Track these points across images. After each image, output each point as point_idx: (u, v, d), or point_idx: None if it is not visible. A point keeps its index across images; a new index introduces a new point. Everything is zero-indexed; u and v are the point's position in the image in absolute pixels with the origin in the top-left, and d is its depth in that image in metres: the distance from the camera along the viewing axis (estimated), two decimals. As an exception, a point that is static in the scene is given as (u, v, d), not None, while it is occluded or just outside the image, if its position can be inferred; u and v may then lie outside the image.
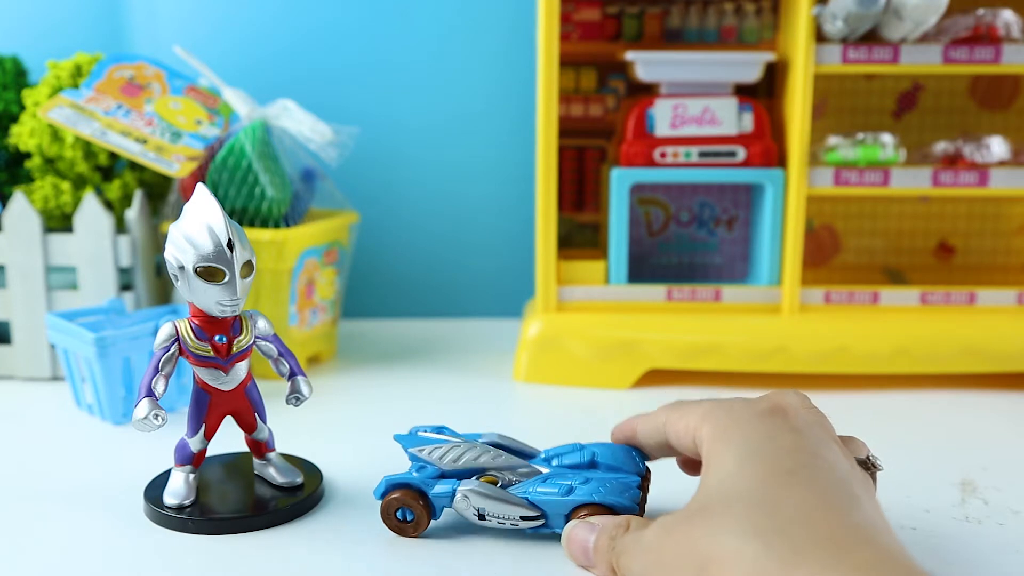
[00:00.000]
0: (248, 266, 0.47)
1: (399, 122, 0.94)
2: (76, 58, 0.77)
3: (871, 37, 0.72)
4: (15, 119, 0.79)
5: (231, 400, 0.50)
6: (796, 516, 0.34)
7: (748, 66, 0.74)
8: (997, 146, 0.72)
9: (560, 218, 0.83)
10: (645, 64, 0.74)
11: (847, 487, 0.37)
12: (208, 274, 0.46)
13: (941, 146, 0.76)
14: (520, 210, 0.94)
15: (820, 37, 0.72)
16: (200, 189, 0.47)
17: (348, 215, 0.82)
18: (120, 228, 0.75)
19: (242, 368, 0.49)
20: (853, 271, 0.86)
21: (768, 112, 0.76)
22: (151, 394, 0.46)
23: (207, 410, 0.49)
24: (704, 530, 0.35)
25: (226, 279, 0.46)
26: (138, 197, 0.75)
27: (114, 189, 0.77)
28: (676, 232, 0.83)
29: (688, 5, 0.81)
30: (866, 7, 0.67)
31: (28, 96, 0.76)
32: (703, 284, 0.76)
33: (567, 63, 0.80)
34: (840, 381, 0.74)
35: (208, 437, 0.50)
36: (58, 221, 0.76)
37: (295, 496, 0.50)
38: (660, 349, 0.74)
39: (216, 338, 0.47)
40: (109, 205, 0.77)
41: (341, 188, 0.82)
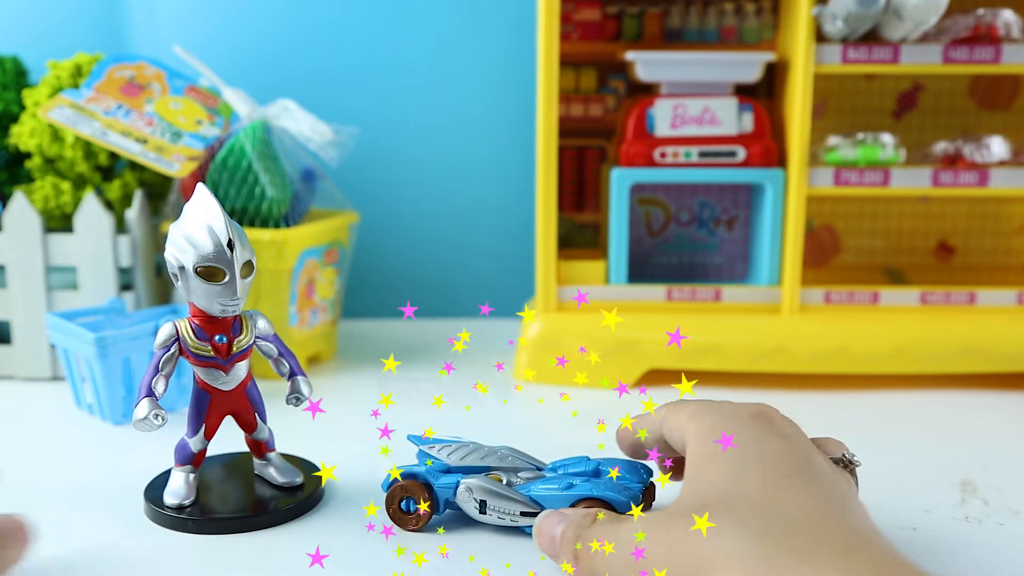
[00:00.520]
0: (248, 266, 0.47)
1: (399, 122, 0.94)
2: (76, 58, 0.77)
3: (871, 37, 0.72)
4: (15, 119, 0.79)
5: (231, 400, 0.50)
6: (797, 519, 0.34)
7: (748, 66, 0.74)
8: (997, 146, 0.72)
9: (560, 218, 0.83)
10: (645, 64, 0.74)
11: (839, 491, 0.37)
12: (208, 274, 0.46)
13: (941, 146, 0.76)
14: (520, 210, 0.94)
15: (820, 37, 0.72)
16: (200, 189, 0.47)
17: (348, 215, 0.82)
18: (120, 228, 0.75)
19: (242, 368, 0.49)
20: (853, 271, 0.86)
21: (768, 112, 0.76)
22: (151, 394, 0.46)
23: (207, 410, 0.49)
24: (702, 529, 0.35)
25: (226, 279, 0.46)
26: (138, 197, 0.75)
27: (114, 189, 0.77)
28: (676, 232, 0.83)
29: (688, 5, 0.81)
30: (866, 7, 0.67)
31: (28, 96, 0.76)
32: (703, 284, 0.76)
33: (567, 63, 0.80)
34: (840, 381, 0.74)
35: (208, 437, 0.50)
36: (58, 221, 0.76)
37: (295, 496, 0.50)
38: (660, 349, 0.73)
39: (216, 338, 0.47)
40: (109, 205, 0.77)
41: (341, 188, 0.82)
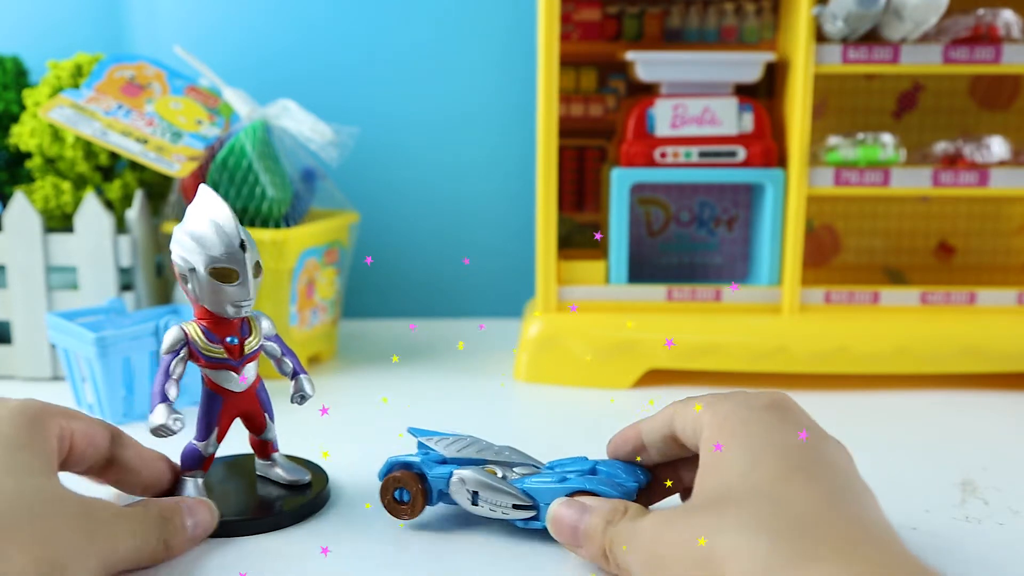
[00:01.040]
0: (257, 266, 0.47)
1: (399, 122, 0.94)
2: (76, 58, 0.77)
3: (871, 37, 0.72)
4: (16, 119, 0.79)
5: (242, 402, 0.49)
6: (806, 514, 0.34)
7: (748, 66, 0.74)
8: (997, 146, 0.72)
9: (560, 218, 0.83)
10: (645, 64, 0.74)
11: (851, 484, 0.37)
12: (222, 275, 0.45)
13: (941, 146, 0.76)
14: (520, 210, 0.94)
15: (820, 37, 0.72)
16: (205, 190, 0.47)
17: (348, 215, 0.82)
18: (120, 228, 0.75)
19: (252, 369, 0.49)
20: (853, 271, 0.86)
21: (768, 112, 0.76)
22: (166, 399, 0.45)
23: (219, 413, 0.49)
24: (712, 524, 0.35)
25: (240, 280, 0.46)
26: (138, 197, 0.75)
27: (114, 189, 0.77)
28: (676, 232, 0.83)
29: (688, 5, 0.81)
30: (866, 7, 0.67)
31: (29, 96, 0.76)
32: (703, 284, 0.76)
33: (567, 63, 0.80)
34: (840, 381, 0.74)
35: (219, 440, 0.49)
36: (58, 221, 0.76)
37: (303, 496, 0.50)
38: (660, 349, 0.73)
39: (227, 340, 0.47)
40: (109, 205, 0.77)
41: (341, 188, 0.82)
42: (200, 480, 0.49)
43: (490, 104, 0.94)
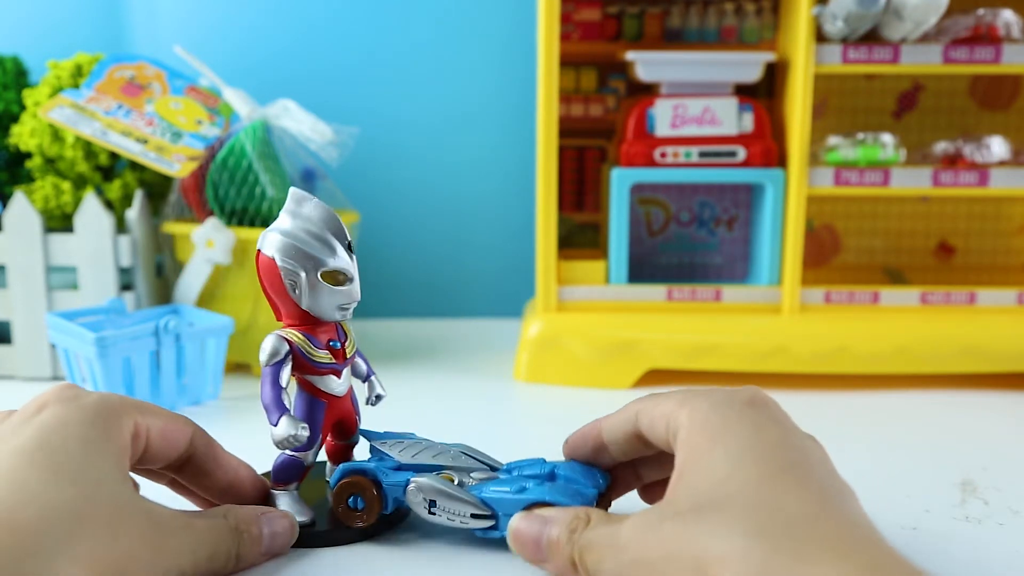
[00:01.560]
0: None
1: (399, 122, 0.94)
2: (77, 58, 0.77)
3: (871, 37, 0.72)
4: (16, 119, 0.79)
5: (341, 406, 0.48)
6: (798, 516, 0.34)
7: (748, 66, 0.74)
8: (997, 146, 0.72)
9: (560, 218, 0.83)
10: (645, 64, 0.74)
11: (836, 483, 0.37)
12: (333, 278, 0.45)
13: (941, 146, 0.76)
14: (520, 210, 0.94)
15: (820, 37, 0.72)
16: (298, 193, 0.45)
17: (348, 215, 0.82)
18: (120, 228, 0.75)
19: (348, 372, 0.48)
20: (853, 271, 0.86)
21: (768, 112, 0.76)
22: (286, 409, 0.44)
23: (323, 420, 0.47)
24: (702, 529, 0.35)
25: (349, 281, 0.45)
26: (138, 197, 0.75)
27: (114, 189, 0.77)
28: (676, 232, 0.83)
29: (688, 5, 0.81)
30: (866, 7, 0.67)
31: (29, 96, 0.76)
32: (703, 284, 0.76)
33: (567, 63, 0.80)
34: (840, 381, 0.74)
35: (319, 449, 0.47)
36: (58, 221, 0.76)
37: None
38: (660, 349, 0.74)
39: (331, 343, 0.46)
40: (109, 205, 0.77)
41: (341, 188, 0.82)
42: (297, 493, 0.47)
43: (490, 104, 0.94)
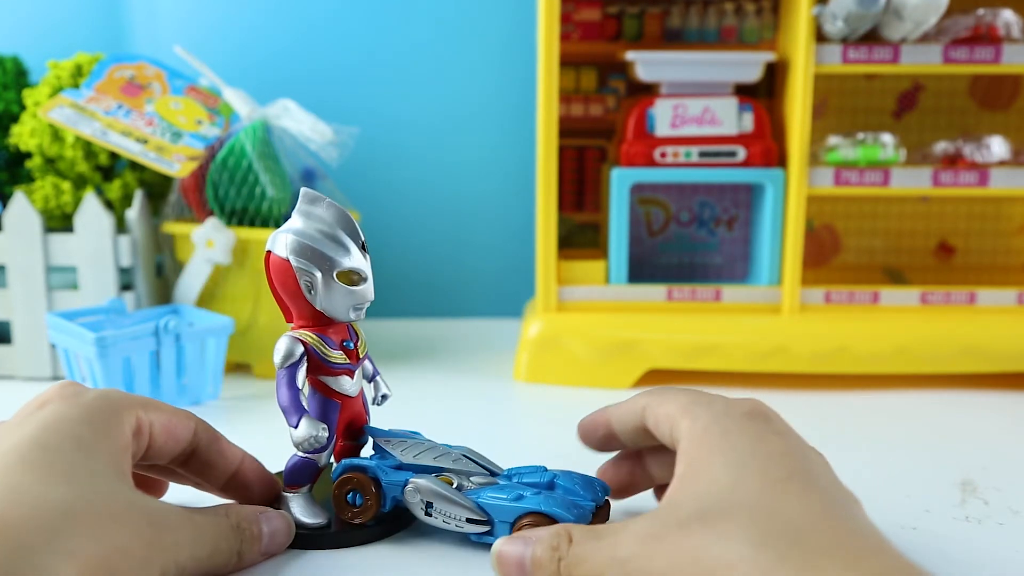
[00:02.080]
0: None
1: (399, 122, 0.94)
2: (76, 58, 0.77)
3: (871, 37, 0.72)
4: (16, 119, 0.79)
5: (353, 406, 0.48)
6: (804, 524, 0.34)
7: (748, 66, 0.74)
8: (997, 146, 0.72)
9: (560, 218, 0.83)
10: (645, 64, 0.74)
11: (840, 492, 0.37)
12: (348, 278, 0.45)
13: (941, 146, 0.76)
14: (520, 210, 0.94)
15: (820, 37, 0.72)
16: (309, 192, 0.45)
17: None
18: (120, 228, 0.75)
19: (360, 372, 0.48)
20: (853, 271, 0.86)
21: (768, 112, 0.76)
22: (305, 410, 0.44)
23: (338, 420, 0.47)
24: (708, 538, 0.34)
25: (364, 281, 0.45)
26: (138, 197, 0.75)
27: (114, 189, 0.77)
28: (676, 232, 0.83)
29: (688, 5, 0.81)
30: (866, 7, 0.67)
31: (29, 96, 0.76)
32: (703, 284, 0.76)
33: (567, 63, 0.80)
34: (840, 381, 0.74)
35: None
36: (58, 221, 0.76)
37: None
38: (660, 349, 0.74)
39: (344, 344, 0.46)
40: (109, 205, 0.77)
41: (341, 188, 0.82)
42: (311, 495, 0.47)
43: (490, 104, 0.94)
